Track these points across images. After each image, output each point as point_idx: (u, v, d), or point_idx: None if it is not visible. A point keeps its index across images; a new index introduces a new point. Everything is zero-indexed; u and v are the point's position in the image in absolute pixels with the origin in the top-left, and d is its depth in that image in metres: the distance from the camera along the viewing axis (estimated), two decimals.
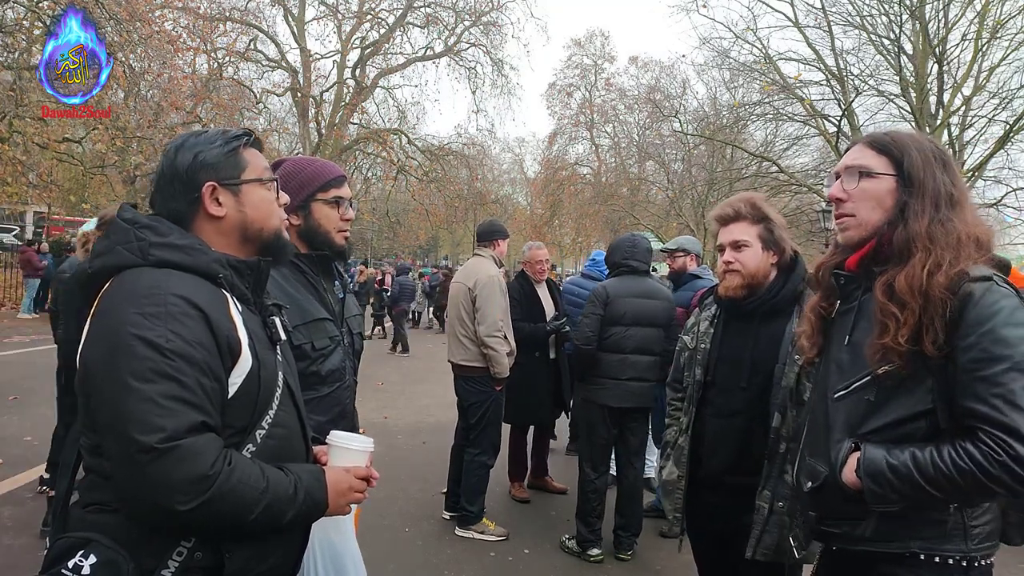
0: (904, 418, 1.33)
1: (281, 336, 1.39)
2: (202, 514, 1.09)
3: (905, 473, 1.26)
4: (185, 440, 1.08)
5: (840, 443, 1.38)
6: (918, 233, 1.36)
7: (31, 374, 7.76)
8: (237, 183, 1.32)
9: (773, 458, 2.04)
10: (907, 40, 16.10)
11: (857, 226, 1.45)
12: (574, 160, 30.34)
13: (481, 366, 4.06)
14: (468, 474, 4.08)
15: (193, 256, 1.23)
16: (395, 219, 27.76)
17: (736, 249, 2.16)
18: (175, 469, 1.07)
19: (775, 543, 2.03)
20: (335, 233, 1.94)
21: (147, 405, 1.07)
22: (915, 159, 1.41)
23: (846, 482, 1.34)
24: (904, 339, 1.29)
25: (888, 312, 1.33)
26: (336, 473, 1.35)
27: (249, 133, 1.39)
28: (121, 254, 1.21)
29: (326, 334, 1.87)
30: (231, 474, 1.12)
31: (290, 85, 24.57)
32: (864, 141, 1.51)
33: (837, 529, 1.43)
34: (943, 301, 1.29)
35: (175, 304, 1.14)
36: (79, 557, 1.11)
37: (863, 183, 1.44)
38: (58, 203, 22.02)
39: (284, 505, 1.20)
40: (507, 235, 4.45)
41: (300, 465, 1.31)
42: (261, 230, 1.35)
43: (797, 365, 2.03)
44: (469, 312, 4.10)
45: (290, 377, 1.37)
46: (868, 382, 1.37)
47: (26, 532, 3.60)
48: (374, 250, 31.67)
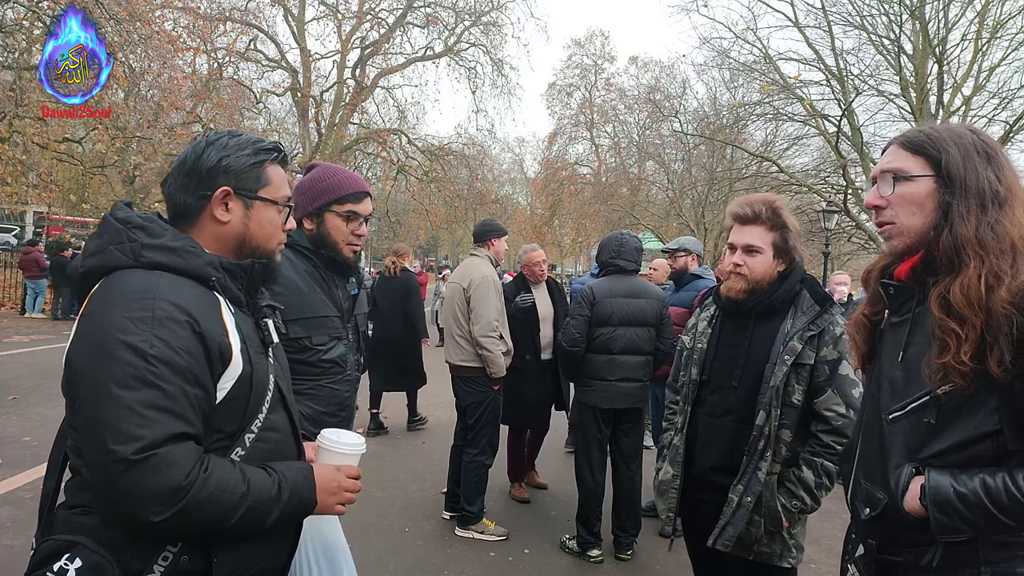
0: (968, 440, 1.23)
1: (274, 339, 1.38)
2: (176, 523, 1.09)
3: (975, 501, 1.18)
4: (161, 449, 1.07)
5: (900, 468, 1.29)
6: (967, 238, 1.26)
7: (31, 374, 7.76)
8: (252, 196, 1.32)
9: (752, 454, 2.05)
10: (907, 40, 16.09)
11: (900, 233, 1.35)
12: (574, 160, 30.33)
13: (478, 366, 4.05)
14: (467, 474, 4.08)
15: (186, 259, 1.21)
16: (395, 219, 27.72)
17: (748, 253, 2.12)
18: (148, 480, 1.05)
19: (736, 535, 2.06)
20: (343, 245, 1.96)
21: (125, 413, 1.06)
22: (953, 155, 1.30)
23: (909, 510, 1.26)
24: (968, 357, 1.20)
25: (947, 328, 1.23)
26: (326, 471, 1.34)
27: (279, 149, 1.38)
28: (113, 255, 1.20)
29: (326, 331, 1.88)
30: (207, 482, 1.11)
31: (290, 85, 24.54)
32: (898, 141, 1.40)
33: (900, 558, 1.35)
34: (1008, 317, 1.19)
35: (163, 309, 1.13)
36: (64, 560, 1.11)
37: (899, 188, 1.35)
38: (58, 203, 22.01)
39: (266, 507, 1.19)
40: (503, 233, 4.39)
41: (288, 463, 1.30)
42: (257, 248, 1.34)
43: (786, 365, 2.03)
44: (464, 312, 4.10)
45: (281, 380, 1.36)
46: (927, 403, 1.27)
47: (26, 532, 3.60)
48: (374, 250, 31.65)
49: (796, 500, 2.06)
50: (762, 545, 2.07)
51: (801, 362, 2.04)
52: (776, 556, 2.08)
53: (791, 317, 2.10)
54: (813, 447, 2.07)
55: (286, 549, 1.37)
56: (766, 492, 2.05)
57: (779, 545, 2.08)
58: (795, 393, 2.05)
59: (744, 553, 2.08)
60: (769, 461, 2.04)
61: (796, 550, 2.12)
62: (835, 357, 2.05)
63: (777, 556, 2.08)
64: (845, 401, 2.03)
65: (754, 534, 2.06)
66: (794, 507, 2.06)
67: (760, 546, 2.07)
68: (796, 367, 2.04)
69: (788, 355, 2.04)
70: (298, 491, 1.24)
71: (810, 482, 2.05)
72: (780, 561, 2.08)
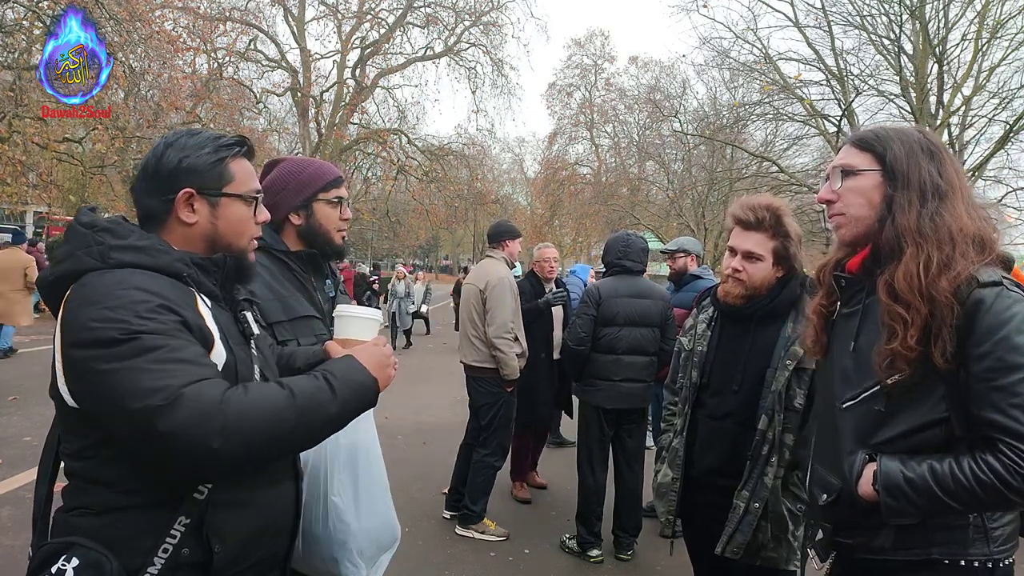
0: (917, 427, 1.29)
1: (254, 330, 1.37)
2: (235, 444, 1.06)
3: (923, 486, 1.24)
4: (186, 389, 1.06)
5: (853, 455, 1.35)
6: (907, 227, 1.33)
7: (31, 374, 7.75)
8: (217, 195, 1.29)
9: (756, 459, 2.05)
10: (907, 40, 16.08)
11: (848, 223, 1.43)
12: (574, 160, 30.31)
13: (492, 367, 4.07)
14: (475, 473, 4.09)
15: (155, 256, 1.20)
16: (395, 219, 27.71)
17: (748, 260, 2.12)
18: (184, 414, 1.04)
19: (746, 542, 2.05)
20: (334, 233, 1.96)
21: (137, 375, 1.05)
22: (897, 151, 1.38)
23: (862, 495, 1.32)
24: (915, 341, 1.26)
25: (895, 314, 1.29)
26: (366, 349, 1.34)
27: (242, 143, 1.35)
28: (81, 259, 1.18)
29: (312, 332, 1.87)
30: (244, 395, 1.10)
31: (290, 85, 24.55)
32: (850, 140, 1.49)
33: (853, 540, 1.40)
34: (950, 307, 1.25)
35: (138, 296, 1.12)
36: (62, 561, 1.10)
37: (847, 182, 1.43)
38: (58, 203, 22.00)
39: (320, 401, 1.17)
40: (517, 235, 4.46)
41: (326, 361, 1.33)
42: (228, 246, 1.32)
43: (788, 369, 2.03)
44: (480, 313, 4.13)
45: (267, 371, 1.35)
46: (877, 392, 1.33)
47: (26, 532, 3.57)
48: (374, 250, 31.63)
49: (801, 503, 2.05)
50: (769, 550, 2.06)
51: (803, 367, 2.04)
52: (783, 560, 2.08)
53: (792, 321, 2.10)
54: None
55: (286, 535, 1.37)
56: (771, 497, 2.04)
57: (785, 549, 2.08)
58: (797, 397, 2.05)
59: (751, 559, 2.07)
60: (775, 466, 2.04)
61: (799, 552, 2.12)
62: None
63: (784, 560, 2.08)
64: None
65: (761, 540, 2.05)
66: (799, 511, 2.06)
67: (767, 551, 2.07)
68: (798, 371, 2.04)
69: (790, 360, 2.04)
70: (351, 377, 1.24)
71: None
72: (786, 565, 2.08)
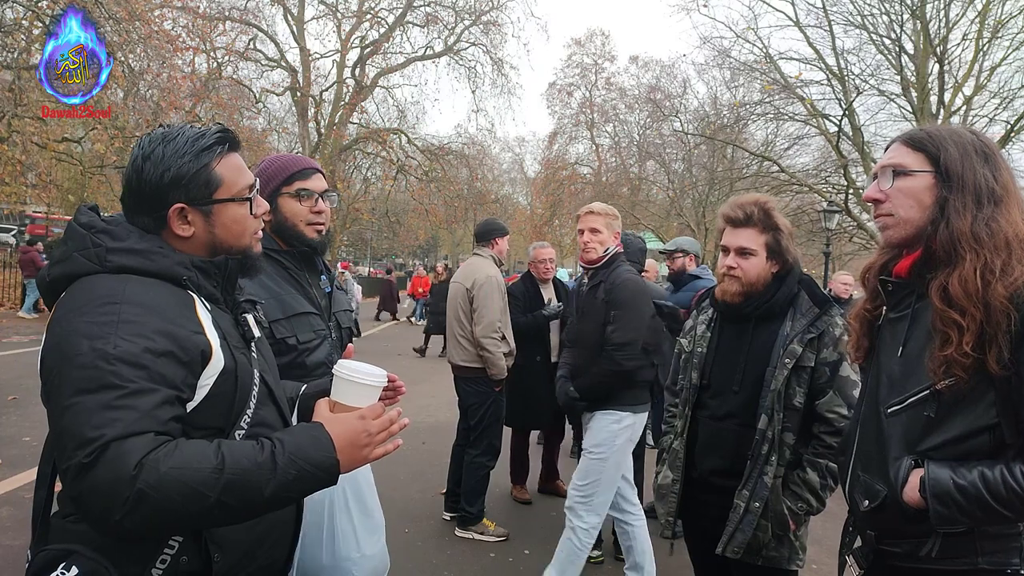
0: (966, 433, 1.27)
1: (255, 333, 1.34)
2: (142, 515, 0.98)
3: (974, 493, 1.21)
4: (111, 445, 0.99)
5: (899, 460, 1.32)
6: (962, 232, 1.29)
7: (31, 374, 7.69)
8: (208, 203, 1.23)
9: (756, 459, 2.05)
10: (908, 40, 16.09)
11: (896, 224, 1.39)
12: (574, 160, 30.31)
13: (480, 367, 4.04)
14: (468, 475, 4.08)
15: (154, 260, 1.17)
16: (395, 219, 27.71)
17: (741, 256, 2.13)
18: (98, 478, 0.98)
19: (746, 541, 2.05)
20: (304, 226, 1.93)
21: (84, 417, 1.01)
22: (952, 153, 1.34)
23: (908, 502, 1.29)
24: (970, 348, 1.23)
25: (949, 320, 1.26)
26: (343, 421, 1.17)
27: (224, 140, 1.26)
28: (78, 261, 1.15)
29: (311, 328, 1.86)
30: (158, 464, 0.99)
31: (289, 85, 24.54)
32: (900, 139, 1.44)
33: (898, 549, 1.37)
34: (1006, 314, 1.22)
35: (128, 312, 1.08)
36: (61, 570, 1.09)
37: (898, 182, 1.38)
38: (57, 203, 22.01)
39: (255, 477, 1.04)
40: (505, 232, 4.37)
41: (291, 427, 1.21)
42: (230, 248, 1.28)
43: (787, 368, 2.03)
44: (467, 313, 4.08)
45: (268, 375, 1.33)
46: (927, 396, 1.30)
47: (26, 532, 3.56)
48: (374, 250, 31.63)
49: (802, 502, 2.05)
50: (770, 550, 2.06)
51: (802, 365, 2.03)
52: (784, 560, 2.07)
53: (790, 319, 2.10)
54: (816, 448, 2.07)
55: (287, 542, 1.35)
56: (772, 496, 2.04)
57: (787, 549, 2.07)
58: (796, 396, 2.04)
59: (752, 559, 2.06)
60: (775, 465, 2.04)
61: (801, 551, 2.11)
62: (835, 359, 2.04)
63: (785, 560, 2.07)
64: (846, 402, 2.02)
65: (762, 539, 2.05)
66: (800, 509, 2.05)
67: (768, 551, 2.06)
68: (797, 370, 2.03)
69: (788, 358, 2.03)
70: (303, 453, 1.09)
71: (815, 484, 2.04)
72: (788, 564, 2.08)
